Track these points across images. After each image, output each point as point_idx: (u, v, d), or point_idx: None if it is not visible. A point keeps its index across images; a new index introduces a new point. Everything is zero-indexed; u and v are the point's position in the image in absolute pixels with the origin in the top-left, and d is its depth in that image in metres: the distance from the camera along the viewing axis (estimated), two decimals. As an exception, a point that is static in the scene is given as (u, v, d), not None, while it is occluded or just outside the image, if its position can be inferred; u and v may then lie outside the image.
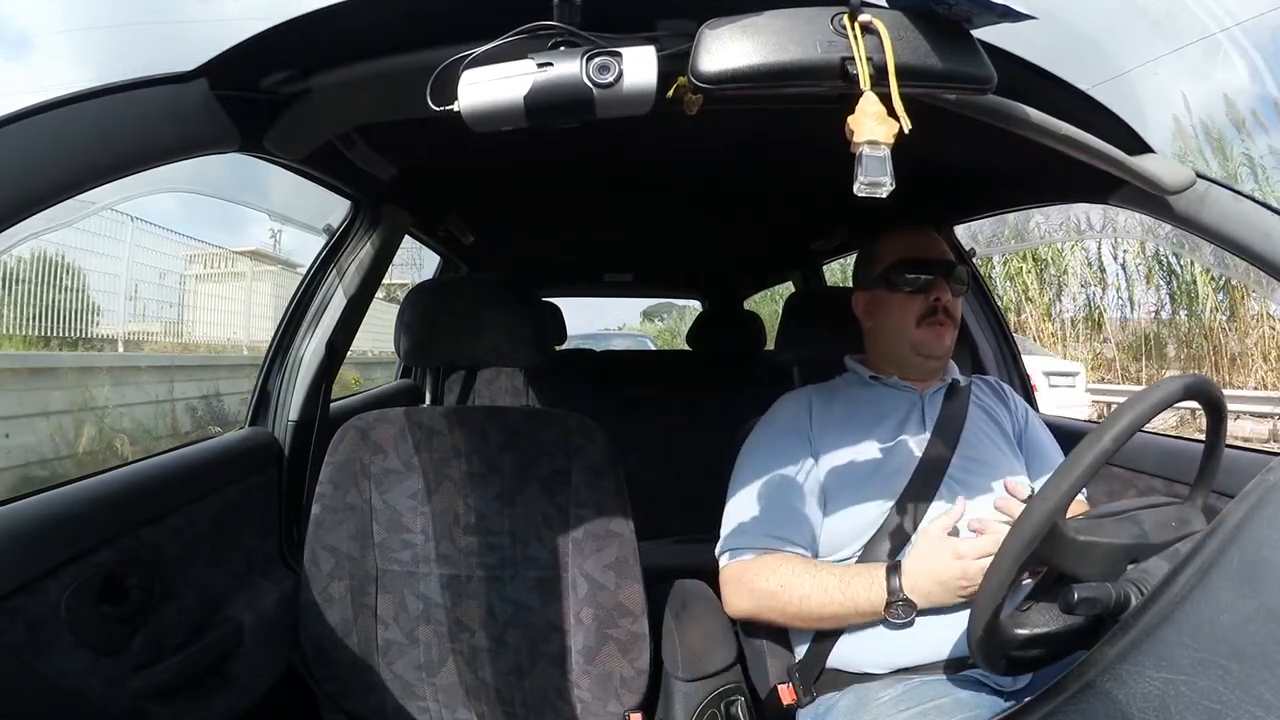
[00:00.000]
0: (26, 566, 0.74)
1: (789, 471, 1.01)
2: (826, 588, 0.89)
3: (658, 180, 1.43)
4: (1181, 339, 8.37)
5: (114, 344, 6.06)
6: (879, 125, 0.57)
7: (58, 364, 4.80)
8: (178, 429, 5.46)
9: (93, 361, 5.34)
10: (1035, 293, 9.57)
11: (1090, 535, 0.63)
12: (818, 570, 0.93)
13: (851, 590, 0.88)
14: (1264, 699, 0.41)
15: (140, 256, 6.26)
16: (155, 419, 5.29)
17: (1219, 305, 7.94)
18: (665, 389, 2.44)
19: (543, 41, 0.60)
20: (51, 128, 0.57)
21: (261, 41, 0.66)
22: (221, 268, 8.18)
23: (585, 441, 1.00)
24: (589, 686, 0.99)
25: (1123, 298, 9.01)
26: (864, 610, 0.88)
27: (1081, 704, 0.48)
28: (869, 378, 1.10)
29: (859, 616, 0.89)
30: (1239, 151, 7.39)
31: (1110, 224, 7.27)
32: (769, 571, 0.94)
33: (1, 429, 3.91)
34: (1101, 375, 9.14)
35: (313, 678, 1.05)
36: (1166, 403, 0.62)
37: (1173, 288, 8.35)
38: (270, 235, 10.24)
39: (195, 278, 7.67)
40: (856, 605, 0.88)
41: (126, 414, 4.94)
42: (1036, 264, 9.65)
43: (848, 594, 0.88)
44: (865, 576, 0.89)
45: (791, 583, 0.92)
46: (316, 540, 1.03)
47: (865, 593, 0.87)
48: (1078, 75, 0.75)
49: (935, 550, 0.86)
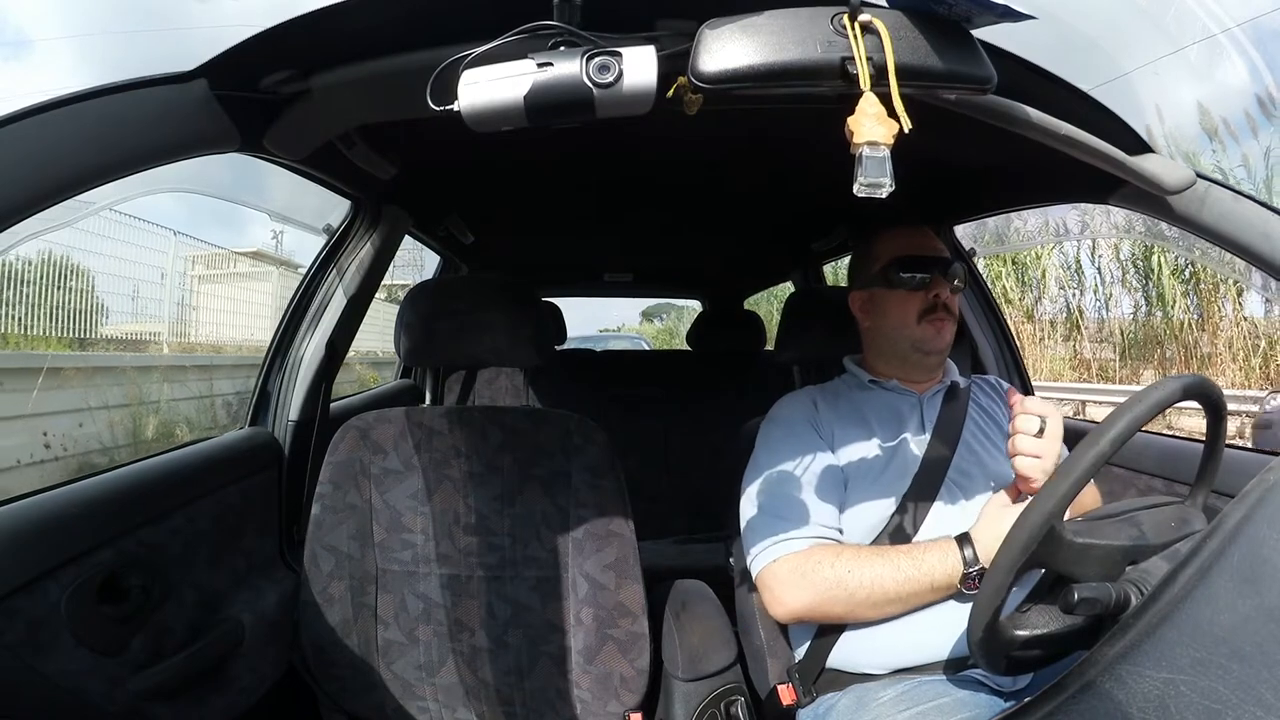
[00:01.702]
0: (26, 566, 0.74)
1: (814, 464, 1.00)
2: (899, 566, 0.87)
3: (658, 180, 1.43)
4: (1155, 339, 8.63)
5: (159, 344, 6.52)
6: (879, 126, 0.57)
7: (118, 363, 5.26)
8: (217, 421, 5.78)
9: (147, 361, 5.81)
10: (1015, 295, 9.80)
11: (1088, 538, 0.63)
12: (883, 552, 0.90)
13: (926, 565, 0.86)
14: (1264, 699, 0.41)
15: (179, 266, 6.72)
16: (199, 412, 5.71)
17: (1188, 308, 8.19)
18: (665, 389, 2.44)
19: (543, 41, 0.60)
20: (51, 128, 0.57)
21: (261, 41, 0.66)
22: (244, 268, 8.37)
23: (585, 441, 1.00)
24: (589, 686, 0.99)
25: (1100, 299, 9.25)
26: (939, 585, 0.85)
27: (1081, 704, 0.48)
28: (868, 381, 1.10)
29: (933, 593, 0.86)
30: (1210, 164, 7.39)
31: (1086, 227, 7.39)
32: (831, 559, 0.90)
33: (76, 419, 4.29)
34: (1080, 375, 9.40)
35: (313, 678, 1.05)
36: (1165, 403, 0.62)
37: (1147, 290, 8.55)
38: (272, 236, 10.27)
39: (229, 277, 7.93)
40: (933, 580, 0.85)
41: (178, 407, 5.41)
42: (1016, 267, 9.88)
43: (923, 569, 0.85)
44: (937, 551, 0.86)
45: (859, 567, 0.88)
46: (316, 540, 1.03)
47: (941, 565, 0.85)
48: (1078, 75, 0.75)
49: (1005, 516, 0.82)
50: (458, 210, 1.64)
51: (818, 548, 0.92)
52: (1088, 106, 0.77)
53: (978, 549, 0.84)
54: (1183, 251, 7.02)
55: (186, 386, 5.60)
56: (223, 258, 8.24)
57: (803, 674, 0.97)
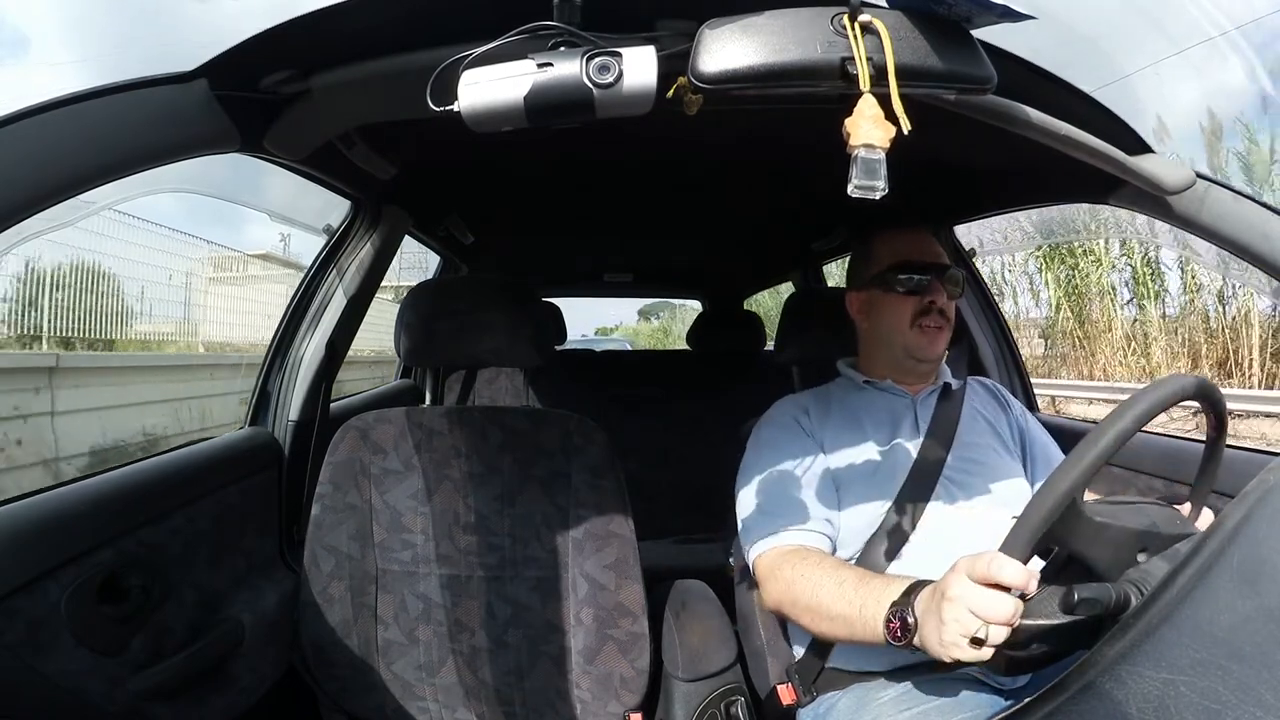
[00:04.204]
0: (26, 566, 0.74)
1: (803, 464, 1.00)
2: (843, 584, 0.81)
3: (658, 180, 1.43)
4: (1057, 339, 9.60)
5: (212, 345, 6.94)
6: (875, 129, 0.57)
7: (191, 362, 5.97)
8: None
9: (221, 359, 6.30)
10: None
11: (1106, 517, 0.63)
12: (840, 568, 0.85)
13: (864, 590, 0.78)
14: (1264, 699, 0.41)
15: (202, 270, 7.03)
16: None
17: (1070, 313, 9.21)
18: (665, 389, 2.44)
19: (543, 41, 0.60)
20: (51, 128, 0.57)
21: (261, 41, 0.66)
22: (256, 270, 8.53)
23: (585, 442, 1.00)
24: (589, 687, 0.99)
25: (1017, 306, 10.03)
26: (868, 616, 0.76)
27: (1081, 704, 0.48)
28: (862, 382, 1.10)
29: (863, 625, 0.77)
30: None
31: (1005, 237, 7.81)
32: (796, 560, 0.88)
33: (172, 408, 5.14)
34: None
35: (313, 678, 1.05)
36: (1178, 396, 0.64)
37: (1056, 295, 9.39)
38: (280, 239, 10.33)
39: (245, 280, 8.09)
40: (863, 606, 0.77)
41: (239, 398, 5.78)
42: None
43: (859, 593, 0.78)
44: (882, 583, 0.79)
45: (810, 574, 0.85)
46: (316, 540, 1.03)
47: (875, 596, 0.77)
48: (1078, 76, 0.75)
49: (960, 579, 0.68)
50: (458, 210, 1.64)
51: (799, 549, 0.91)
52: (1088, 106, 0.77)
53: (919, 594, 0.72)
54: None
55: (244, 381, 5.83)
56: (235, 260, 8.32)
57: (803, 673, 0.97)
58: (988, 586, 0.63)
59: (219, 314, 7.34)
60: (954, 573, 0.66)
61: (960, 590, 0.64)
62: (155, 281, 6.29)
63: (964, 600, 0.63)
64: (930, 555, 0.90)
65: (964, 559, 0.66)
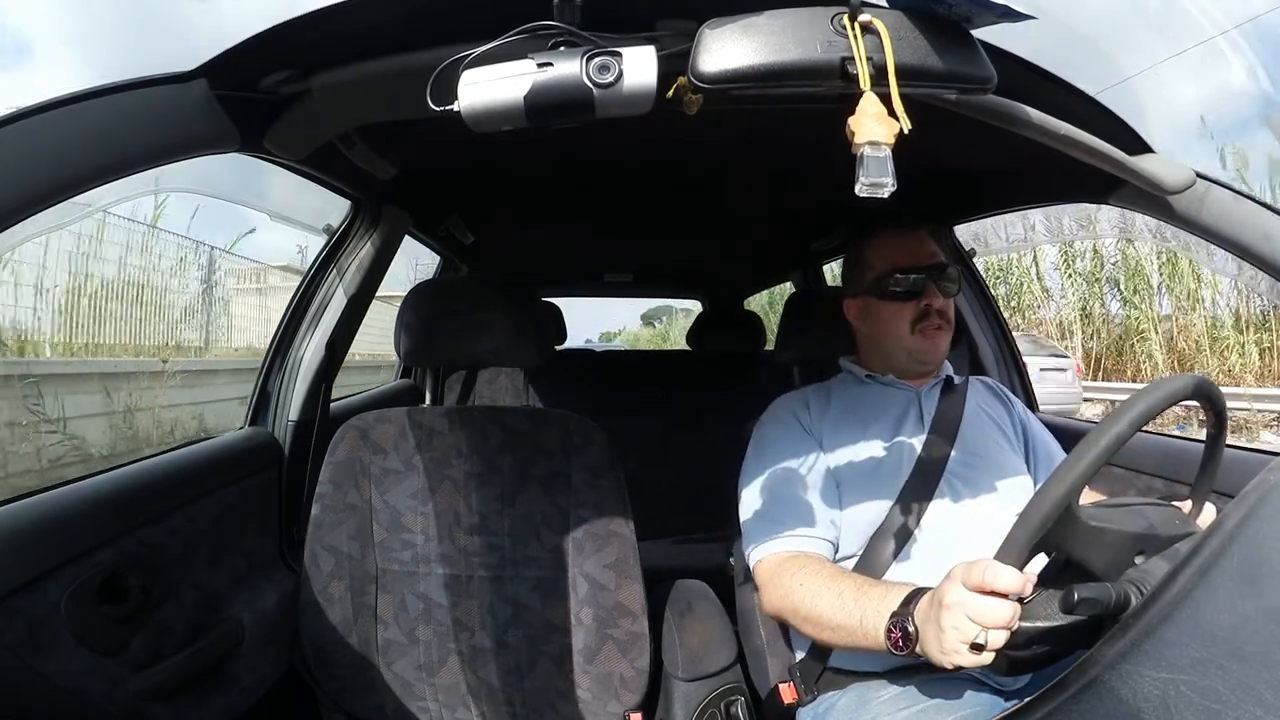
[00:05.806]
0: (26, 566, 0.74)
1: (805, 465, 1.00)
2: (842, 593, 0.81)
3: (657, 180, 1.43)
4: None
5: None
6: (880, 125, 0.57)
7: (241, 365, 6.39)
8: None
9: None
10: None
11: (1102, 522, 0.63)
12: (840, 576, 0.85)
13: (864, 600, 0.78)
14: (1264, 699, 0.41)
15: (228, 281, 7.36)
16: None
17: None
18: (665, 389, 2.44)
19: (543, 41, 0.60)
20: (51, 128, 0.57)
21: (261, 41, 0.66)
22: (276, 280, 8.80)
23: (585, 441, 1.00)
24: (589, 686, 0.99)
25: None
26: (869, 626, 0.77)
27: (1082, 703, 0.48)
28: (864, 376, 1.10)
29: (864, 634, 0.77)
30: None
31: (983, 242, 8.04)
32: (796, 568, 0.89)
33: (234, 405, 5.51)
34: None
35: (313, 678, 1.05)
36: (1177, 397, 0.64)
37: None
38: (297, 250, 10.37)
39: (270, 290, 8.29)
40: (863, 616, 0.78)
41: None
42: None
43: (859, 603, 0.79)
44: (881, 591, 0.79)
45: (810, 582, 0.85)
46: (316, 540, 1.03)
47: (875, 606, 0.77)
48: (1078, 76, 0.75)
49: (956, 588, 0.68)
50: (458, 210, 1.64)
51: (798, 555, 0.92)
52: (1087, 106, 0.77)
53: (918, 603, 0.72)
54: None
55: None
56: (257, 272, 8.42)
57: (804, 673, 0.97)
58: (984, 593, 0.63)
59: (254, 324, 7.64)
60: (950, 580, 0.67)
61: (957, 598, 0.65)
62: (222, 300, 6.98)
63: (961, 607, 0.64)
64: (935, 554, 0.91)
65: (959, 566, 0.66)
